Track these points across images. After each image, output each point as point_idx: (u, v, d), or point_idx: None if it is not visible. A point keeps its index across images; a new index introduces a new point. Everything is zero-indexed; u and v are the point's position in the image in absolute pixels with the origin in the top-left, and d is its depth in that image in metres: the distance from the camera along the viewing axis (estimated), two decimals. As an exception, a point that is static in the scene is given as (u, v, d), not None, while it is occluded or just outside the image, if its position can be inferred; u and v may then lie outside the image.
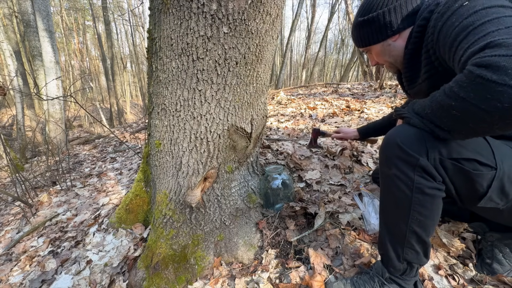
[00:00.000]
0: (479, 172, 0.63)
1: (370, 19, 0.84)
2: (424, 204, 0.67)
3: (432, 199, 0.67)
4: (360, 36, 0.90)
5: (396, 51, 0.86)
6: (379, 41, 0.86)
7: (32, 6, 4.62)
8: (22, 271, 1.27)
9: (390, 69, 0.96)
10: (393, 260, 0.77)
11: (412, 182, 0.66)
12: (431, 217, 0.69)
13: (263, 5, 0.85)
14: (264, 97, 1.15)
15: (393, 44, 0.85)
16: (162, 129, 1.05)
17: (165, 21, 0.87)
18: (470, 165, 0.63)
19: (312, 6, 10.66)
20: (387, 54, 0.88)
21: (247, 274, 1.04)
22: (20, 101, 4.78)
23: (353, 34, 0.94)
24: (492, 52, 0.48)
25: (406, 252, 0.74)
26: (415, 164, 0.65)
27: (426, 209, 0.67)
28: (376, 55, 0.92)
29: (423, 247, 0.73)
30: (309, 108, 3.48)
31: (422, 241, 0.72)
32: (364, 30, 0.87)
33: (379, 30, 0.84)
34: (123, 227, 1.36)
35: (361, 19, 0.86)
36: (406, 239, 0.72)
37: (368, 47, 0.91)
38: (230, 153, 1.10)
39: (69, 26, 17.02)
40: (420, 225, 0.69)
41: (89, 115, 2.18)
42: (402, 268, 0.77)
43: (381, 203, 0.79)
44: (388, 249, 0.77)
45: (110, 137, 4.65)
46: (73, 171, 2.77)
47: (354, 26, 0.91)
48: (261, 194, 1.28)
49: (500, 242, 0.87)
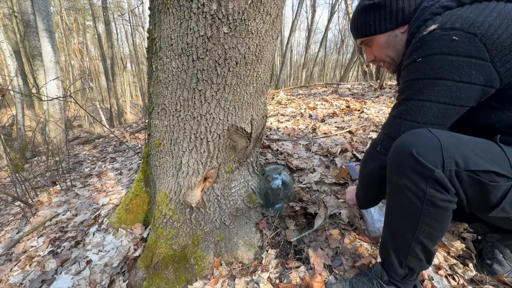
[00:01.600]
0: (496, 184, 0.59)
1: (382, 3, 0.75)
2: (435, 217, 0.64)
3: (443, 212, 0.64)
4: (365, 23, 0.80)
5: (400, 45, 0.79)
6: (386, 30, 0.78)
7: (32, 6, 4.62)
8: (22, 271, 1.27)
9: (389, 66, 0.87)
10: (395, 266, 0.75)
11: (424, 194, 0.63)
12: (440, 229, 0.66)
13: (263, 5, 0.85)
14: (264, 97, 1.15)
15: (400, 36, 0.78)
16: (162, 129, 1.05)
17: (165, 21, 0.87)
18: (487, 176, 0.59)
19: (312, 6, 10.66)
20: (391, 47, 0.81)
21: (247, 274, 1.04)
22: (20, 101, 4.78)
23: (356, 20, 0.83)
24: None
25: (410, 259, 0.72)
26: (429, 176, 0.61)
27: (437, 221, 0.64)
28: (377, 48, 0.83)
29: (427, 255, 0.71)
30: (309, 108, 3.48)
31: (428, 250, 0.69)
32: (370, 15, 0.78)
33: (389, 17, 0.76)
34: (123, 227, 1.36)
35: (369, 2, 0.77)
36: (411, 249, 0.69)
37: (371, 37, 0.82)
38: (230, 153, 1.10)
39: (69, 26, 17.01)
40: (427, 236, 0.67)
41: (89, 115, 2.18)
42: (403, 273, 0.76)
43: (387, 210, 0.75)
44: (391, 255, 0.75)
45: (110, 137, 4.65)
46: (73, 171, 2.77)
47: (359, 10, 0.81)
48: (261, 194, 1.28)
49: (500, 243, 0.87)
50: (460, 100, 0.63)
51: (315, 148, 1.92)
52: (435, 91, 0.63)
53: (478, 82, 0.61)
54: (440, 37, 0.62)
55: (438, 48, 0.62)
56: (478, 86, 0.61)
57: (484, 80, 0.61)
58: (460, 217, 1.02)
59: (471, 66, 0.60)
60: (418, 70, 0.66)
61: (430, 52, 0.63)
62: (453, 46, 0.60)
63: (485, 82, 0.61)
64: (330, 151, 1.78)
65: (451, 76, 0.61)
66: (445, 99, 0.63)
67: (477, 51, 0.59)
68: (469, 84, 0.61)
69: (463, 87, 0.61)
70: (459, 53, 0.60)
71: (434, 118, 0.65)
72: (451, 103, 0.63)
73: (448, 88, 0.62)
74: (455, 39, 0.60)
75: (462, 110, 0.65)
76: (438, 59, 0.62)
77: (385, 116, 2.66)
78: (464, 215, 1.00)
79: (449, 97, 0.62)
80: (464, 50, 0.59)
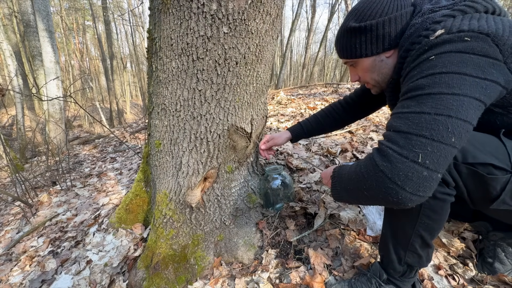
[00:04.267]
0: (494, 176, 0.60)
1: (368, 27, 0.71)
2: (435, 209, 0.66)
3: (442, 203, 0.66)
4: (350, 45, 0.77)
5: (387, 68, 0.76)
6: (372, 55, 0.75)
7: (32, 6, 4.62)
8: (22, 271, 1.27)
9: (373, 88, 0.85)
10: (394, 263, 0.76)
11: None
12: (439, 221, 0.68)
13: (263, 5, 0.85)
14: (264, 97, 1.15)
15: (385, 61, 0.75)
16: (162, 129, 1.05)
17: (165, 21, 0.87)
18: (485, 169, 0.61)
19: (312, 6, 10.65)
20: (376, 71, 0.78)
21: (247, 274, 1.04)
22: (20, 101, 4.78)
23: (340, 41, 0.79)
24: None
25: (408, 255, 0.74)
26: None
27: (436, 213, 0.67)
28: (362, 71, 0.81)
29: (426, 251, 0.73)
30: (309, 108, 3.48)
31: (426, 244, 0.71)
32: (356, 38, 0.75)
33: (375, 42, 0.73)
34: (123, 227, 1.36)
35: (355, 25, 0.73)
36: (410, 243, 0.72)
37: (355, 59, 0.78)
38: (230, 153, 1.10)
39: (69, 26, 17.01)
40: (427, 228, 0.69)
41: (89, 115, 2.18)
42: (402, 270, 0.77)
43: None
44: (390, 251, 0.76)
45: (110, 137, 4.65)
46: (73, 171, 2.77)
47: (344, 32, 0.77)
48: (261, 194, 1.28)
49: (503, 242, 0.87)
50: (489, 98, 0.55)
51: (315, 148, 1.92)
52: (467, 86, 0.53)
53: (500, 81, 0.55)
54: (451, 39, 0.56)
55: (453, 47, 0.56)
56: (499, 87, 0.56)
57: (504, 81, 0.55)
58: (462, 216, 1.02)
59: (490, 65, 0.54)
60: (436, 65, 0.56)
61: (444, 50, 0.56)
62: (467, 45, 0.54)
63: (504, 83, 0.56)
64: (330, 151, 1.78)
65: (476, 73, 0.53)
66: (480, 95, 0.53)
67: (493, 51, 0.54)
68: (494, 82, 0.54)
69: (490, 85, 0.54)
70: (476, 52, 0.54)
71: (474, 116, 0.54)
72: (483, 101, 0.54)
73: (477, 84, 0.53)
74: (467, 40, 0.55)
75: (483, 111, 0.57)
76: (456, 55, 0.55)
77: (385, 116, 2.65)
78: (466, 214, 1.01)
79: (482, 94, 0.53)
80: (480, 49, 0.54)
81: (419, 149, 0.52)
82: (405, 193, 0.54)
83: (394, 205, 0.57)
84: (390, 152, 0.55)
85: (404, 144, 0.54)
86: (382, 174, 0.55)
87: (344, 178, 0.68)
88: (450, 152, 0.53)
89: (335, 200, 0.79)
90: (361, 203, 0.76)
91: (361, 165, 0.62)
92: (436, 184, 0.54)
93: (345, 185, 0.67)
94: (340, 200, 0.74)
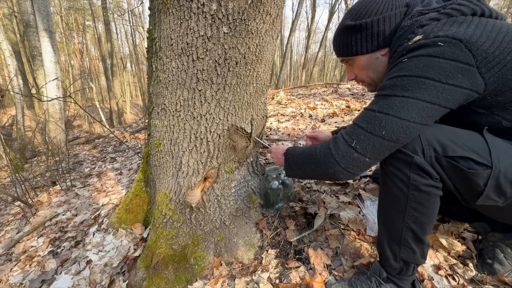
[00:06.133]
0: (474, 171, 0.63)
1: (363, 25, 0.75)
2: (420, 201, 0.68)
3: (428, 196, 0.68)
4: (346, 43, 0.80)
5: (381, 67, 0.79)
6: (367, 52, 0.78)
7: (32, 6, 4.62)
8: (22, 271, 1.27)
9: (369, 86, 0.88)
10: (390, 259, 0.77)
11: (408, 179, 0.68)
12: (427, 215, 0.70)
13: (263, 5, 0.85)
14: (264, 97, 1.15)
15: (381, 59, 0.79)
16: (162, 129, 1.05)
17: (165, 21, 0.87)
18: (465, 163, 0.63)
19: (312, 6, 10.66)
20: (372, 69, 0.81)
21: (247, 274, 1.04)
22: (20, 101, 4.77)
23: (337, 39, 0.83)
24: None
25: (403, 251, 0.74)
26: (410, 162, 0.66)
27: (422, 206, 0.69)
28: (358, 69, 0.84)
29: (420, 246, 0.74)
30: (309, 108, 3.48)
31: (418, 238, 0.72)
32: (352, 36, 0.78)
33: (370, 39, 0.76)
34: (123, 227, 1.36)
35: (351, 23, 0.77)
36: (403, 237, 0.73)
37: (352, 57, 0.82)
38: (230, 153, 1.09)
39: (69, 26, 17.02)
40: (415, 221, 0.70)
41: (89, 115, 2.18)
42: (399, 267, 0.78)
43: (380, 200, 0.79)
44: (385, 248, 0.77)
45: (110, 137, 4.65)
46: (73, 171, 2.77)
47: (341, 30, 0.81)
48: (261, 194, 1.28)
49: (502, 243, 0.87)
50: (446, 101, 0.62)
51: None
52: (421, 89, 0.61)
53: (465, 85, 0.61)
54: (425, 44, 0.62)
55: (425, 51, 0.62)
56: (464, 90, 0.61)
57: (470, 85, 0.61)
58: (461, 216, 1.03)
59: (457, 70, 0.59)
60: (403, 68, 0.64)
61: (416, 54, 0.63)
62: (439, 50, 0.60)
63: (471, 87, 0.61)
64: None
65: (438, 77, 0.60)
66: (431, 98, 0.61)
67: (464, 56, 0.59)
68: (456, 87, 0.60)
69: (450, 89, 0.60)
70: (446, 56, 0.60)
71: (417, 116, 0.63)
72: (436, 103, 0.62)
73: (434, 88, 0.61)
74: (440, 45, 0.60)
75: (444, 111, 0.64)
76: (425, 59, 0.62)
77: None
78: (465, 215, 1.01)
79: (435, 97, 0.61)
80: (451, 54, 0.59)
81: (355, 137, 0.68)
82: (339, 168, 0.69)
83: (331, 176, 0.73)
84: (339, 137, 0.71)
85: (349, 131, 0.70)
86: (329, 151, 0.71)
87: (296, 154, 0.84)
88: (378, 142, 0.65)
89: (287, 175, 0.92)
90: (306, 176, 0.86)
91: (317, 146, 0.76)
92: (364, 166, 0.69)
93: (296, 160, 0.83)
94: (290, 174, 0.88)
